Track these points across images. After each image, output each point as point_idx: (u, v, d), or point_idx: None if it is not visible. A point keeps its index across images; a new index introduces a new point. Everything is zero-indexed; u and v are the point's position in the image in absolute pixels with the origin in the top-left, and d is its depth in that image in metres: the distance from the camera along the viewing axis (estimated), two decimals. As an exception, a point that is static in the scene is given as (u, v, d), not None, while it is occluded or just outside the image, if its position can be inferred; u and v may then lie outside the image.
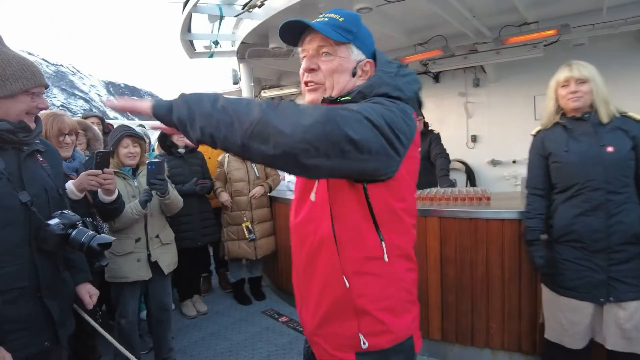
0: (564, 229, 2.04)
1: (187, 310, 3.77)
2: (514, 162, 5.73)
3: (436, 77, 6.39)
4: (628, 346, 1.94)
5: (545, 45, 4.71)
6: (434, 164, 3.98)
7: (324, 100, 1.10)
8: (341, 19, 1.11)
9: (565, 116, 2.07)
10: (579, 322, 2.02)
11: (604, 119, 1.98)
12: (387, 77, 1.09)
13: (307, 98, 1.14)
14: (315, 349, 1.19)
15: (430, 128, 4.34)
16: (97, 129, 3.20)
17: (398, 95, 1.06)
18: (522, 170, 5.54)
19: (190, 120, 0.90)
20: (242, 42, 4.49)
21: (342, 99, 1.08)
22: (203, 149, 3.97)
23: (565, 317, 2.06)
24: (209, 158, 3.96)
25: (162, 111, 0.93)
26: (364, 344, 1.08)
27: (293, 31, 1.13)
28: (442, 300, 2.86)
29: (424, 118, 4.19)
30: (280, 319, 3.57)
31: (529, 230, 2.21)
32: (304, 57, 1.14)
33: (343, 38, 1.09)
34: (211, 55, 4.75)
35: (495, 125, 5.90)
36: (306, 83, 1.14)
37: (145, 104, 0.95)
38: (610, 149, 1.94)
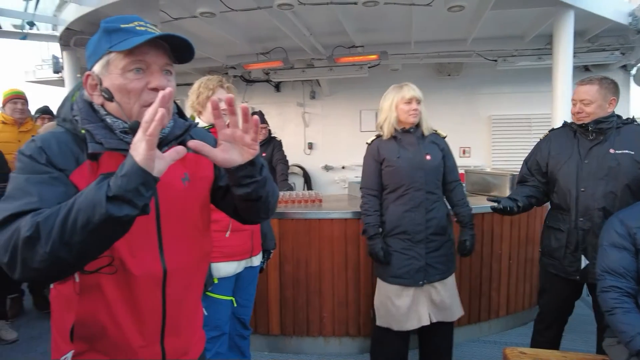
0: (394, 223, 2.39)
1: (-16, 339, 3.12)
2: (343, 167, 6.43)
3: (277, 87, 6.71)
4: (439, 316, 2.44)
5: (369, 67, 5.44)
6: (275, 169, 4.20)
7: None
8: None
9: (397, 129, 2.43)
10: (402, 305, 2.39)
11: (425, 132, 2.46)
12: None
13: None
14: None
15: (272, 135, 4.56)
16: None
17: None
18: (350, 175, 6.27)
19: (262, 183, 1.04)
20: (67, 29, 3.94)
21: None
22: (5, 146, 3.36)
23: (393, 303, 2.41)
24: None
25: (260, 161, 1.02)
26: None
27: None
28: (281, 296, 3.05)
29: (268, 126, 4.38)
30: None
31: (369, 226, 2.44)
32: (140, 68, 0.94)
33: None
34: (24, 37, 4.01)
35: (328, 134, 6.52)
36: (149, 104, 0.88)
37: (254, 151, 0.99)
38: (429, 157, 2.41)
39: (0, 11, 3.74)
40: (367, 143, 2.57)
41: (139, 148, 0.78)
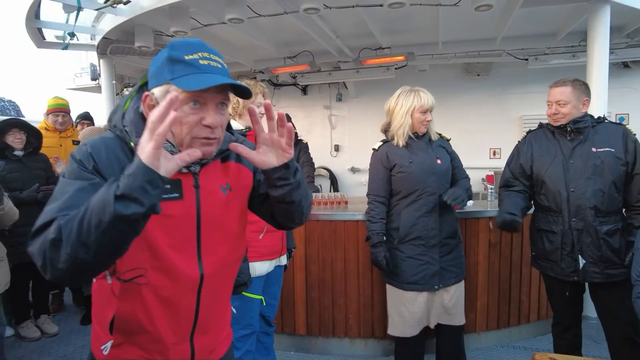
0: (408, 229, 2.37)
1: (27, 332, 3.30)
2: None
3: (304, 90, 6.78)
4: (449, 320, 2.43)
5: (396, 69, 5.42)
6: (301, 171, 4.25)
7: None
8: (223, 66, 1.03)
9: (410, 135, 2.41)
10: (417, 311, 2.39)
11: (434, 138, 2.45)
12: None
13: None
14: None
15: (299, 137, 4.62)
16: None
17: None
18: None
19: (297, 185, 1.09)
20: (104, 38, 4.14)
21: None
22: (47, 150, 3.56)
23: (407, 310, 2.40)
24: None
25: (290, 172, 1.06)
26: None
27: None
28: (307, 296, 3.08)
29: (295, 128, 4.43)
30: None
31: (374, 234, 2.42)
32: (198, 102, 0.97)
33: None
34: (65, 47, 4.23)
35: (355, 136, 6.52)
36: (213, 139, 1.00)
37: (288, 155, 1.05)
38: (439, 161, 2.40)
39: (45, 24, 3.97)
40: (373, 149, 2.54)
41: (145, 147, 0.80)
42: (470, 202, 3.10)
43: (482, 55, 5.21)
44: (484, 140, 5.74)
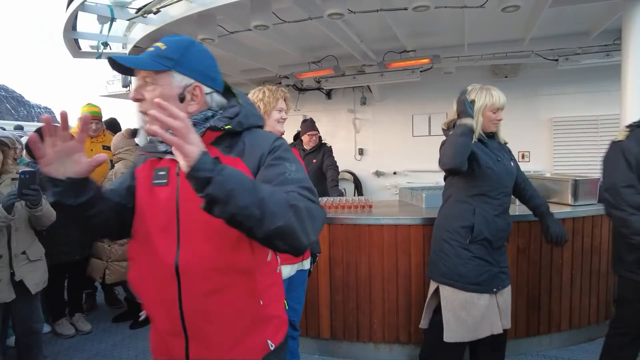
0: (482, 228, 2.25)
1: (63, 329, 3.44)
2: (394, 173, 6.37)
3: (328, 94, 6.81)
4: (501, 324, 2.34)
5: (421, 71, 5.38)
6: (326, 175, 4.27)
7: (210, 128, 1.10)
8: (164, 47, 1.11)
9: (481, 133, 2.33)
10: (478, 315, 2.27)
11: (502, 140, 2.45)
12: (253, 109, 1.20)
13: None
14: None
15: (323, 141, 4.64)
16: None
17: (260, 124, 1.21)
18: (401, 181, 6.21)
19: (222, 204, 0.87)
20: (135, 46, 4.30)
21: (227, 127, 1.11)
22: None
23: (469, 313, 2.27)
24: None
25: (200, 176, 0.86)
26: (271, 346, 1.17)
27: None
28: (331, 300, 3.08)
29: (318, 132, 4.46)
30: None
31: None
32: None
33: (161, 66, 1.08)
34: (99, 57, 4.43)
35: (379, 140, 6.50)
36: (142, 112, 1.12)
37: (193, 149, 0.86)
38: (512, 163, 2.40)
39: (80, 34, 4.17)
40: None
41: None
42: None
43: (509, 57, 5.12)
44: (512, 143, 5.56)
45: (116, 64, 1.11)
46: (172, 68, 1.09)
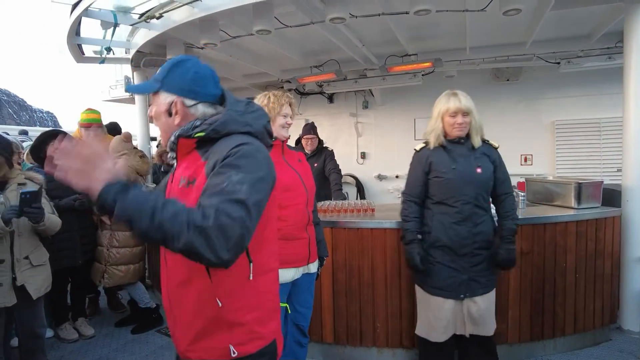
0: (439, 234, 2.34)
1: (66, 334, 3.44)
2: (397, 177, 6.37)
3: (330, 98, 6.83)
4: (476, 330, 2.37)
5: (423, 75, 5.39)
6: (328, 178, 4.27)
7: (179, 137, 1.22)
8: (158, 71, 1.29)
9: (446, 139, 2.38)
10: (442, 317, 2.36)
11: (476, 145, 2.36)
12: (236, 115, 1.23)
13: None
14: None
15: (325, 145, 4.65)
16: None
17: (247, 130, 1.22)
18: (403, 184, 6.18)
19: (129, 226, 1.00)
20: (138, 51, 4.33)
21: (196, 135, 1.20)
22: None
23: (433, 315, 2.38)
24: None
25: (104, 204, 0.99)
26: (234, 353, 1.20)
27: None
28: (334, 304, 3.07)
29: (316, 136, 4.46)
30: (174, 337, 3.45)
31: (408, 232, 2.42)
32: None
33: (152, 89, 1.27)
34: (102, 61, 4.46)
35: (381, 143, 6.51)
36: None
37: (92, 185, 1.00)
38: (479, 170, 2.33)
39: (84, 40, 4.21)
40: (415, 150, 2.51)
41: None
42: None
43: (511, 60, 5.12)
44: (514, 146, 5.60)
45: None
46: (160, 89, 1.25)
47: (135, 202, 0.99)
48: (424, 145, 2.47)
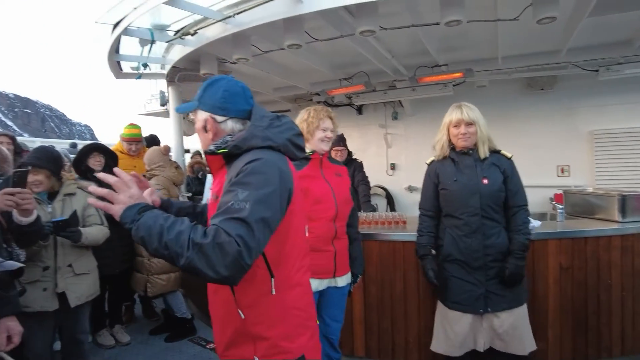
0: (450, 248, 2.34)
1: (103, 340, 3.54)
2: (428, 188, 6.26)
3: (359, 110, 6.83)
4: (504, 347, 2.30)
5: (454, 85, 5.31)
6: (357, 190, 4.25)
7: (206, 153, 1.34)
8: (198, 91, 1.39)
9: (454, 150, 2.41)
10: (460, 332, 2.31)
11: (482, 155, 2.34)
12: (257, 130, 1.27)
13: None
14: None
15: (354, 157, 4.64)
16: (5, 149, 2.97)
17: (268, 144, 1.26)
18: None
19: (143, 245, 1.11)
20: (173, 67, 4.48)
21: (219, 151, 1.28)
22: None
23: (452, 329, 2.34)
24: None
25: (124, 226, 1.14)
26: None
27: None
28: (365, 318, 3.04)
29: (346, 148, 4.47)
30: (208, 346, 3.50)
31: (420, 247, 2.46)
32: None
33: (192, 107, 1.39)
34: (139, 77, 4.65)
35: (411, 154, 6.42)
36: None
37: (116, 209, 1.16)
38: (486, 181, 2.30)
39: (123, 57, 4.40)
40: (426, 163, 2.56)
41: None
42: (537, 223, 2.93)
43: (545, 69, 4.98)
44: (550, 157, 5.42)
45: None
46: (197, 107, 1.37)
47: (147, 225, 1.09)
48: (433, 158, 2.52)
